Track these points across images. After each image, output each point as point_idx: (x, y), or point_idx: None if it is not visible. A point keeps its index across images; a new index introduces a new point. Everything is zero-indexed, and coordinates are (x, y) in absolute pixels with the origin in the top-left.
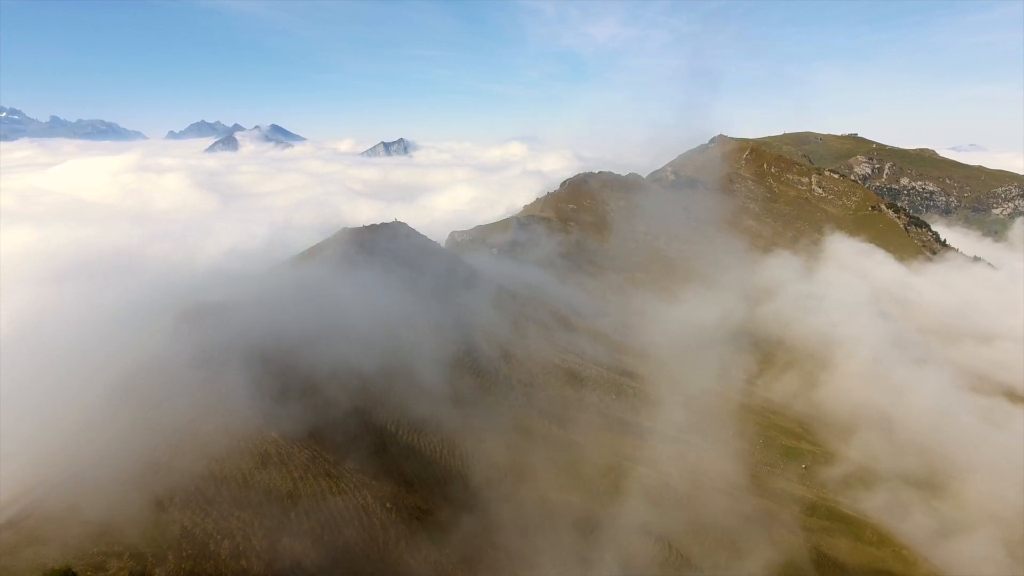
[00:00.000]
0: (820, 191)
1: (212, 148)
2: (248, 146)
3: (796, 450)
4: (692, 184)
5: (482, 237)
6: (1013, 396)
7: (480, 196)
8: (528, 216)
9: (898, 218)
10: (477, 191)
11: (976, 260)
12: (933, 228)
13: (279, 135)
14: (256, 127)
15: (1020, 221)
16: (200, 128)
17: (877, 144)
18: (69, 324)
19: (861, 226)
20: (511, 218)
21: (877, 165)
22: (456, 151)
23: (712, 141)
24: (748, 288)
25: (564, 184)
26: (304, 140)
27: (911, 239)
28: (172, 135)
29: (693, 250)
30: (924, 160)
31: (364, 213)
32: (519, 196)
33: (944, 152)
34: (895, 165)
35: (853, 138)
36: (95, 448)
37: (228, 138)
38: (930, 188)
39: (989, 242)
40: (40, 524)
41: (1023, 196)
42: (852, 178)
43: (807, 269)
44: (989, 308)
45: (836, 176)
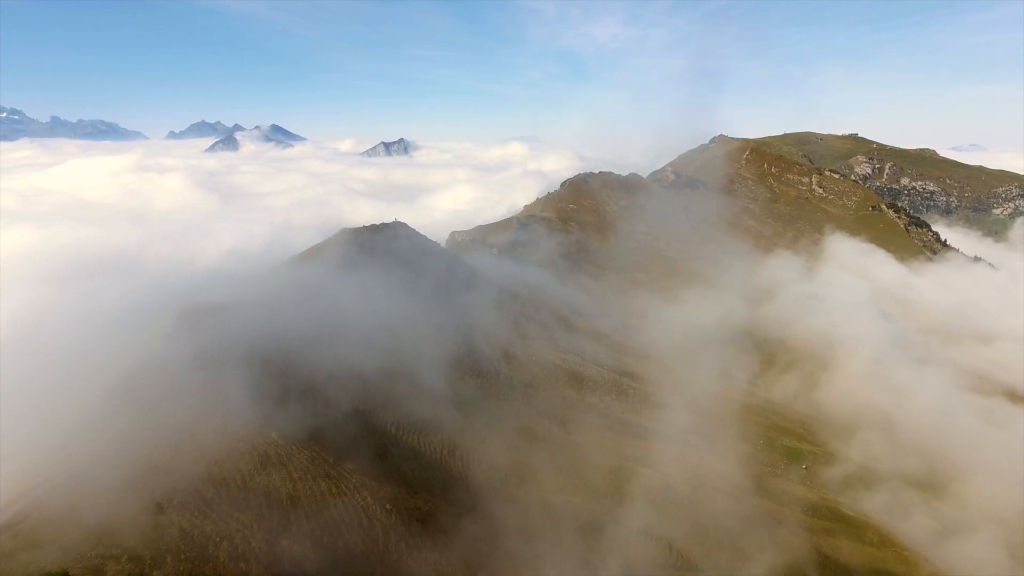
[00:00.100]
0: (820, 191)
1: (212, 148)
2: (248, 146)
3: (797, 451)
4: (693, 184)
5: (482, 237)
6: (1014, 396)
7: (480, 196)
8: (528, 216)
9: (899, 218)
10: (478, 191)
11: (977, 260)
12: (934, 228)
13: (279, 135)
14: (256, 127)
15: (1021, 221)
16: (200, 128)
17: (877, 144)
18: (69, 324)
19: (862, 226)
20: (511, 218)
21: (877, 165)
22: (456, 151)
23: (713, 141)
24: (749, 288)
25: (564, 184)
26: (304, 140)
27: (912, 239)
28: (172, 135)
29: (694, 250)
30: (924, 160)
31: (364, 213)
32: (520, 196)
33: (944, 152)
34: (895, 165)
35: (853, 138)
36: (94, 449)
37: (228, 138)
38: (930, 188)
39: (990, 242)
40: (38, 527)
41: (1023, 196)
42: (852, 178)
43: (808, 269)
44: (990, 308)
45: (837, 176)
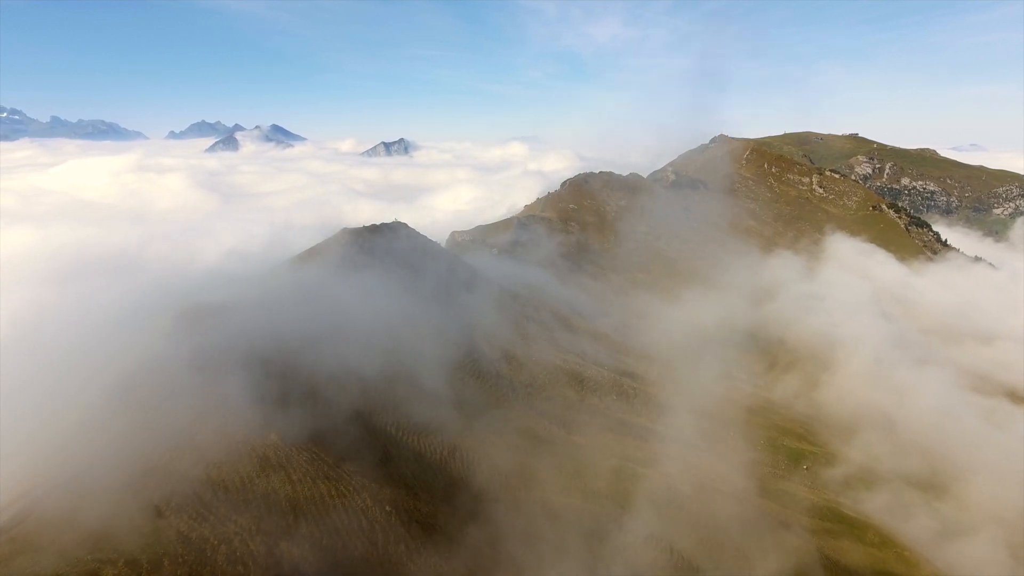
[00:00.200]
0: (821, 191)
1: (213, 148)
2: (249, 146)
3: (798, 451)
4: (693, 184)
5: (483, 237)
6: (1015, 397)
7: (481, 196)
8: (529, 216)
9: (899, 218)
10: (478, 191)
11: (977, 260)
12: (934, 228)
13: (280, 135)
14: (257, 127)
15: (1021, 221)
16: (200, 128)
17: (878, 144)
18: (69, 324)
19: (862, 226)
20: (512, 218)
21: (878, 165)
22: (457, 151)
23: (713, 141)
24: (749, 288)
25: (565, 184)
26: (305, 140)
27: (912, 239)
28: (173, 135)
29: (694, 250)
30: (925, 160)
31: (365, 213)
32: (520, 196)
33: (945, 152)
34: (896, 165)
35: (854, 138)
36: (92, 451)
37: (229, 138)
38: (931, 188)
39: (990, 242)
40: (34, 530)
41: (1023, 196)
42: (853, 178)
43: (808, 269)
44: (990, 308)
45: (837, 176)
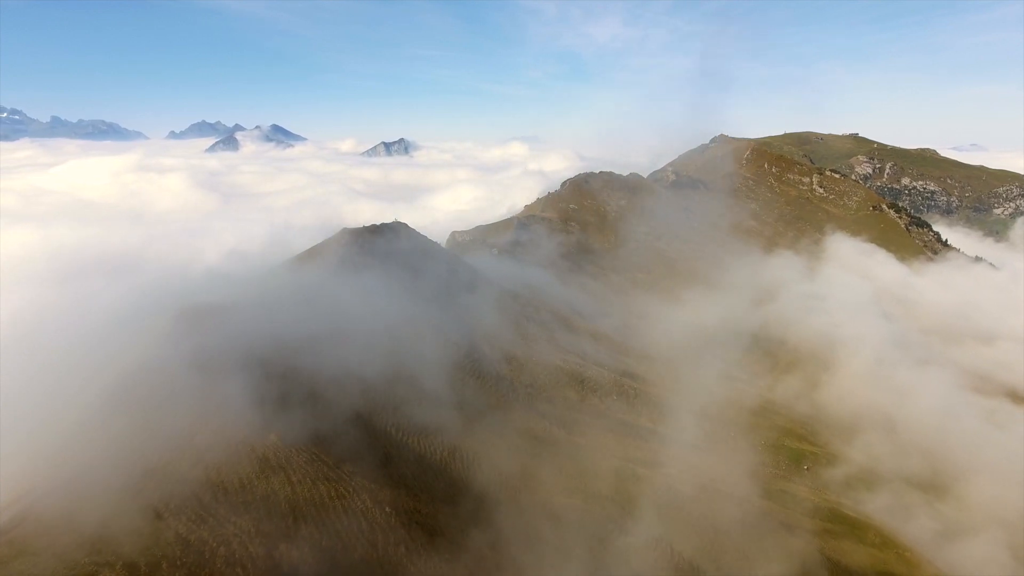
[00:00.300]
0: (821, 191)
1: (213, 148)
2: (249, 146)
3: (799, 452)
4: (693, 184)
5: (483, 237)
6: (1015, 397)
7: (481, 196)
8: (529, 216)
9: (899, 218)
10: (478, 191)
11: (978, 260)
12: (934, 228)
13: (280, 135)
14: (257, 127)
15: (1021, 221)
16: (201, 128)
17: (878, 144)
18: (68, 324)
19: (862, 226)
20: (512, 218)
21: (878, 165)
22: (457, 151)
23: (713, 141)
24: (750, 289)
25: (565, 184)
26: (305, 140)
27: (912, 239)
28: (173, 135)
29: (694, 250)
30: (925, 160)
31: (365, 213)
32: (520, 196)
33: (945, 152)
34: (896, 165)
35: (854, 138)
36: (91, 452)
37: (229, 138)
38: (931, 188)
39: (991, 242)
40: (31, 533)
41: None
42: (853, 178)
43: (809, 269)
44: (991, 308)
45: (837, 176)
